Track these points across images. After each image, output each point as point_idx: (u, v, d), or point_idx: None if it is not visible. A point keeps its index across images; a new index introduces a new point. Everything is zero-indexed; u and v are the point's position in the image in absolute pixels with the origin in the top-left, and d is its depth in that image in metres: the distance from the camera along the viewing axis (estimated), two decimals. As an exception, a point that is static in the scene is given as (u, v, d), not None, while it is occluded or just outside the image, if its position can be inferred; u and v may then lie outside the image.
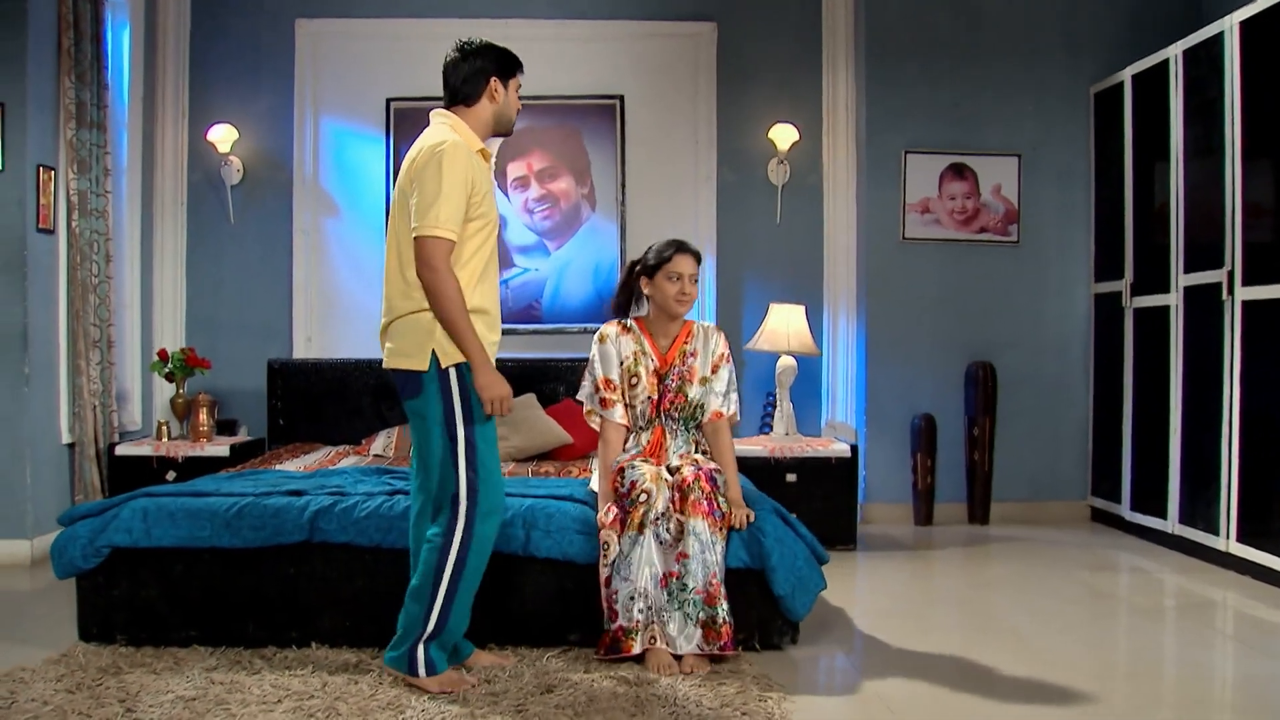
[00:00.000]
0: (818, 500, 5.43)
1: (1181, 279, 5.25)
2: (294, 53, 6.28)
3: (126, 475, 5.30)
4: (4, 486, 4.92)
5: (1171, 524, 5.31)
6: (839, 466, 5.47)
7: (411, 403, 3.25)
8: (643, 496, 3.54)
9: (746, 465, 5.32)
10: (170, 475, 5.31)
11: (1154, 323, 5.52)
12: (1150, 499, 5.53)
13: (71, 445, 5.25)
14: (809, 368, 6.27)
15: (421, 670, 3.20)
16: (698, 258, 3.88)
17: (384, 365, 3.29)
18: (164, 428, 5.58)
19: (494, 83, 3.34)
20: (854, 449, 5.50)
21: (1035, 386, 6.18)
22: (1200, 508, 5.09)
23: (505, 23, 6.24)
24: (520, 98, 3.48)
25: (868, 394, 6.16)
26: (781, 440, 5.61)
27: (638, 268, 3.91)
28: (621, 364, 3.85)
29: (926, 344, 6.16)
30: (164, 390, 6.03)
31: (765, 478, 5.35)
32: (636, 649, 3.45)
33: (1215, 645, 3.92)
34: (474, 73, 3.32)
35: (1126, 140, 5.78)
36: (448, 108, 3.36)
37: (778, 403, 5.75)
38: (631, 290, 3.94)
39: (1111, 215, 5.97)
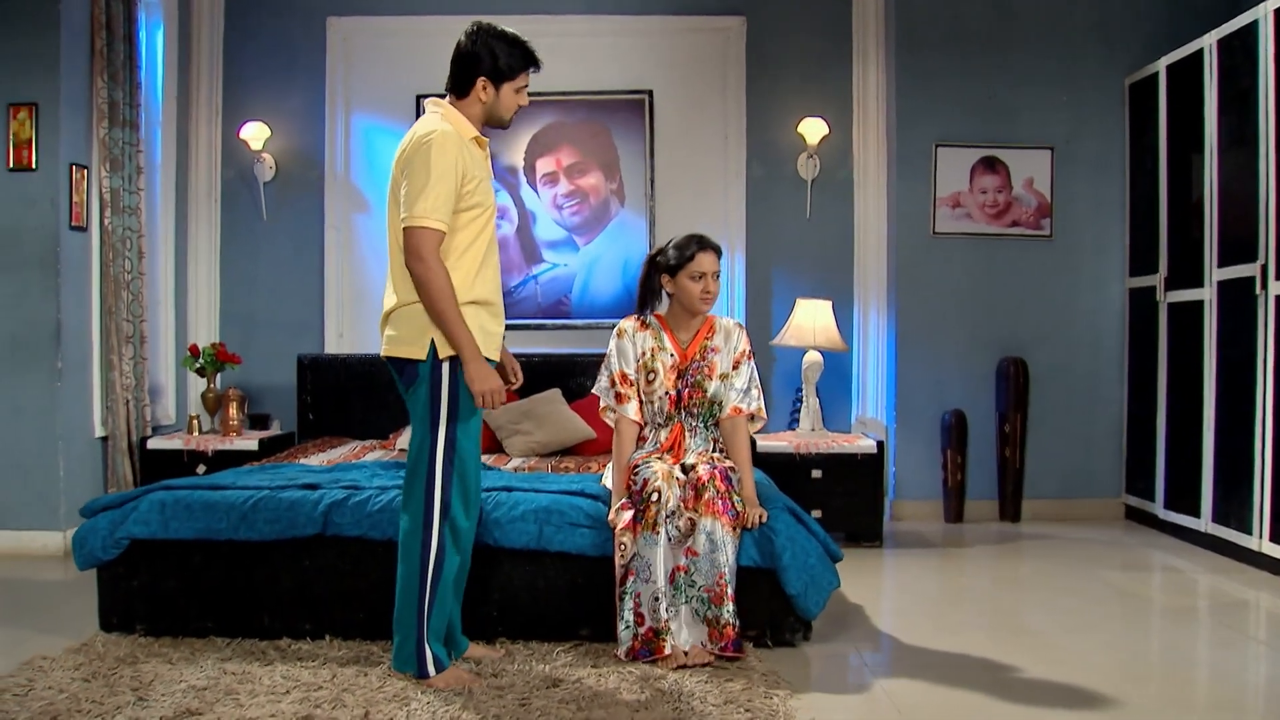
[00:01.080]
0: (843, 497, 5.40)
1: (1215, 273, 5.14)
2: (325, 50, 6.35)
3: (158, 469, 5.37)
4: (38, 479, 5.03)
5: (1204, 523, 5.21)
6: (865, 463, 5.42)
7: (406, 392, 3.26)
8: (654, 495, 3.53)
9: (771, 461, 5.32)
10: (200, 469, 5.38)
11: (1188, 318, 5.42)
12: (1183, 497, 5.43)
13: (104, 439, 5.34)
14: (839, 364, 6.23)
15: (431, 669, 3.22)
16: (719, 253, 3.85)
17: (382, 353, 3.30)
18: (195, 422, 5.66)
19: (481, 83, 3.26)
20: (880, 445, 5.45)
21: (1068, 382, 6.10)
22: (1233, 506, 4.99)
23: (535, 18, 6.23)
24: (550, 94, 3.36)
25: (898, 390, 6.11)
26: (807, 436, 5.58)
27: (658, 264, 3.88)
28: (638, 359, 3.84)
29: (957, 339, 6.10)
30: (199, 385, 6.12)
31: (790, 474, 5.33)
32: (668, 649, 3.43)
33: (1241, 648, 3.83)
34: (466, 69, 3.27)
35: (1161, 132, 5.67)
36: (445, 93, 3.34)
37: (804, 398, 5.71)
38: (652, 286, 3.91)
39: (1146, 208, 5.86)
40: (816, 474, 5.41)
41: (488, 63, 3.25)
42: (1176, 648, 3.87)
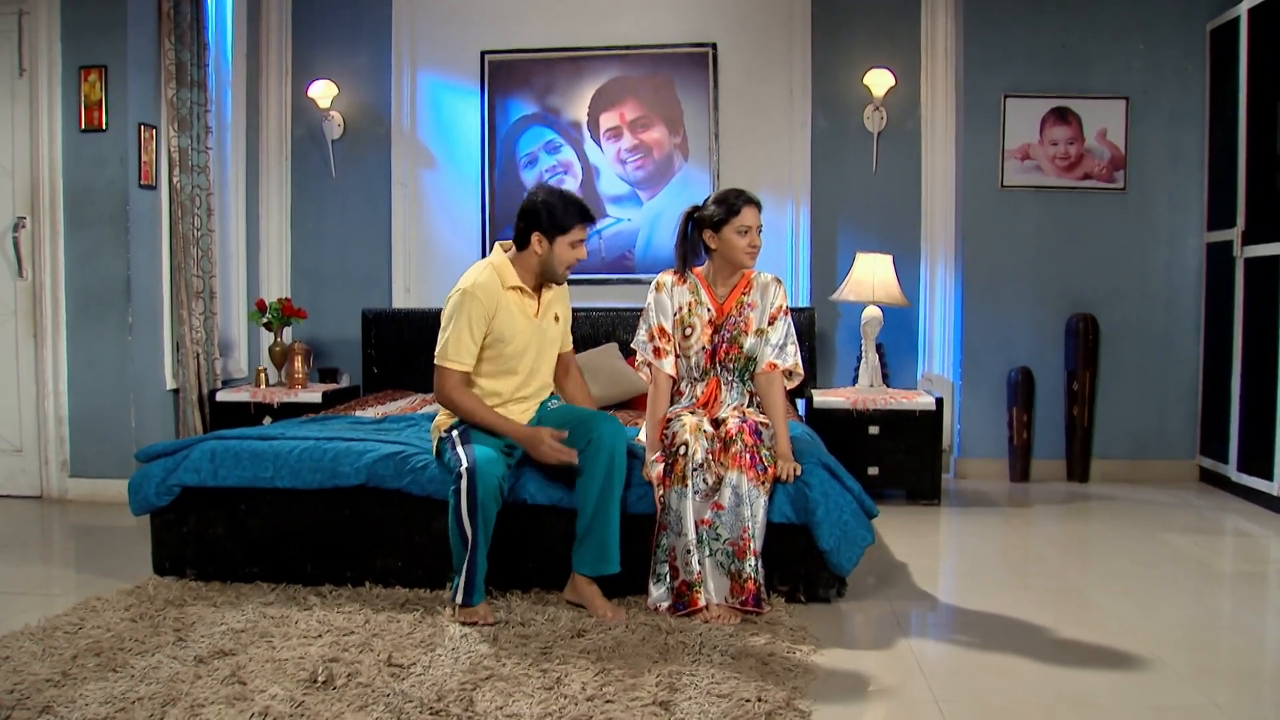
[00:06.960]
0: (901, 454, 5.35)
1: (1293, 226, 4.94)
2: (391, 8, 6.42)
3: (226, 420, 5.56)
4: (110, 429, 5.23)
5: (1277, 486, 5.03)
6: (923, 419, 5.35)
7: None
8: (682, 449, 3.54)
9: (829, 417, 5.28)
10: (266, 420, 5.54)
11: (1265, 273, 5.20)
12: (1256, 459, 5.25)
13: (175, 391, 5.52)
14: (905, 319, 6.14)
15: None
16: (760, 207, 3.82)
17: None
18: (262, 375, 5.81)
19: (536, 237, 3.58)
20: (939, 402, 5.37)
21: (1140, 340, 5.92)
22: (1306, 469, 4.81)
23: (598, -27, 6.24)
24: (614, 48, 3.55)
25: (964, 346, 6.00)
26: (865, 392, 5.51)
27: (697, 219, 3.84)
28: (676, 314, 3.83)
29: (1025, 295, 5.96)
30: (270, 339, 6.27)
31: (847, 430, 5.30)
32: (703, 601, 3.46)
33: (1294, 613, 3.70)
34: (524, 224, 3.60)
35: (1241, 79, 5.42)
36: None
37: (863, 354, 5.65)
38: (692, 242, 3.89)
39: (1225, 160, 5.62)
40: (874, 430, 5.36)
41: (540, 222, 3.59)
42: (1222, 613, 3.75)
